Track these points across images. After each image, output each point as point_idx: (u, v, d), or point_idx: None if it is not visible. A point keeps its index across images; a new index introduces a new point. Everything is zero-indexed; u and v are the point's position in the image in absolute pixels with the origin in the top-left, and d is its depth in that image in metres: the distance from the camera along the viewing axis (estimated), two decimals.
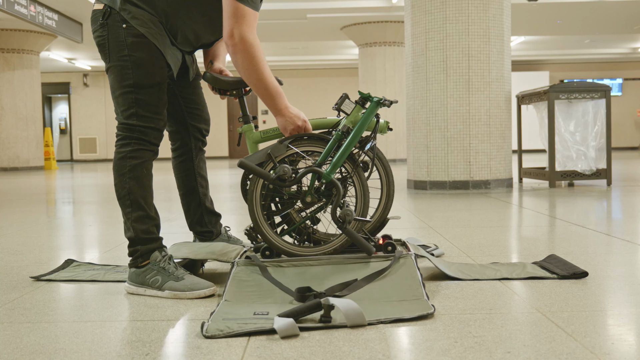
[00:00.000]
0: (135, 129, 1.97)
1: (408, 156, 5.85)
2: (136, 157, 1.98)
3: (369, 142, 2.03)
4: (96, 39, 2.01)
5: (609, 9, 11.47)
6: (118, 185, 1.99)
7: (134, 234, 1.96)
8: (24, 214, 4.42)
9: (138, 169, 1.98)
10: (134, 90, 1.96)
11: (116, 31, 1.95)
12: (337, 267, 1.92)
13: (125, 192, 1.97)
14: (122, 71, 1.96)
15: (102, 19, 1.96)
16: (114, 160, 2.01)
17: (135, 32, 1.95)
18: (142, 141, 1.98)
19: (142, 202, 1.98)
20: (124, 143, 1.99)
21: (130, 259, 1.98)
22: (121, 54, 1.95)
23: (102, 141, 19.36)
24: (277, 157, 2.01)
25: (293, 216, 2.14)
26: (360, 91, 2.06)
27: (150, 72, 1.97)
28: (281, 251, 2.02)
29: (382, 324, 1.55)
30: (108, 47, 1.97)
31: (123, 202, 1.98)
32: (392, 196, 2.10)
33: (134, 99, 1.96)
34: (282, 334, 1.46)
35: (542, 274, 2.05)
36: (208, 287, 1.88)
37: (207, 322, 1.53)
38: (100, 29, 1.98)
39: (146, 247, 1.96)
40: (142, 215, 1.97)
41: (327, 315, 1.54)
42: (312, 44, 15.17)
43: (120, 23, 1.95)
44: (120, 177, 1.98)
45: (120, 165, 1.98)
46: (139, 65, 1.95)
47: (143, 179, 1.99)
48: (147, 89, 1.97)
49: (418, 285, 1.79)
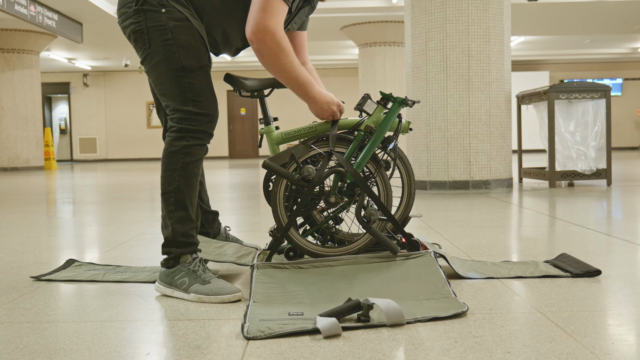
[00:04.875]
0: (191, 118, 1.90)
1: (408, 156, 5.85)
2: (189, 154, 1.91)
3: (392, 142, 2.04)
4: (130, 26, 1.92)
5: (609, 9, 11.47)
6: (165, 179, 1.92)
7: (172, 235, 1.91)
8: (24, 214, 4.42)
9: (190, 167, 1.92)
10: (184, 74, 1.90)
11: (155, 16, 1.89)
12: (361, 266, 1.92)
13: (172, 189, 1.91)
14: (168, 55, 1.89)
15: (136, 5, 1.89)
16: (165, 150, 1.93)
17: (177, 16, 1.90)
18: (198, 134, 1.92)
19: (188, 202, 1.92)
20: (178, 136, 1.91)
21: (163, 258, 1.94)
22: (164, 37, 1.88)
23: (102, 141, 19.35)
24: (300, 157, 2.01)
25: (315, 217, 2.15)
26: (382, 91, 2.07)
27: (197, 54, 1.92)
28: (305, 252, 2.02)
29: (419, 322, 1.55)
30: (147, 32, 1.90)
31: (167, 199, 1.92)
32: (414, 195, 2.12)
33: (186, 83, 1.90)
34: (325, 333, 1.46)
35: (555, 272, 2.05)
36: (233, 292, 1.82)
37: (245, 324, 1.52)
38: (135, 15, 1.90)
39: (180, 250, 1.91)
40: (184, 216, 1.92)
41: (366, 314, 1.55)
42: (312, 44, 15.17)
43: (159, 8, 1.89)
44: (169, 171, 1.91)
45: (172, 160, 1.91)
46: (185, 48, 1.90)
47: (192, 179, 1.93)
48: (197, 71, 1.91)
49: (444, 284, 1.80)
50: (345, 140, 2.05)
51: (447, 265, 2.15)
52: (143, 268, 2.29)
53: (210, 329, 1.56)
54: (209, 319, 1.65)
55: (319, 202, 2.07)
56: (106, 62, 17.42)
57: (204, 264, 1.93)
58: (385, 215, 2.00)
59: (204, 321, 1.63)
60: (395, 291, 1.78)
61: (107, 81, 19.24)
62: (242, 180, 7.84)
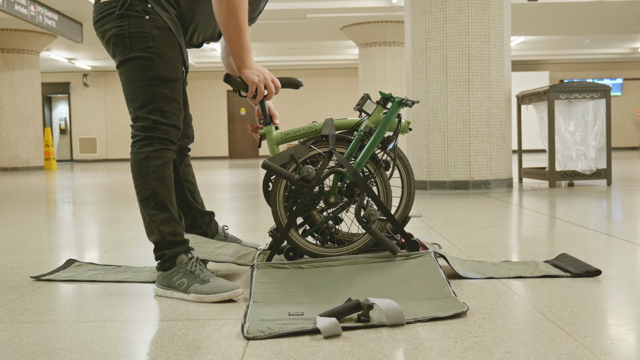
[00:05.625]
0: (157, 127, 1.91)
1: (408, 156, 5.85)
2: (159, 158, 1.92)
3: (391, 143, 2.04)
4: (111, 29, 1.92)
5: (609, 9, 11.47)
6: (141, 187, 1.93)
7: (160, 237, 1.91)
8: (24, 214, 4.42)
9: (161, 169, 1.92)
10: (158, 84, 1.90)
11: (138, 22, 1.90)
12: (361, 266, 1.92)
13: (149, 194, 1.91)
14: (146, 63, 1.90)
15: (120, 9, 1.90)
16: (133, 161, 1.94)
17: (160, 25, 1.92)
18: (164, 140, 1.93)
19: (168, 203, 1.92)
20: (145, 143, 1.92)
21: (158, 262, 1.94)
22: (145, 45, 1.90)
23: (102, 141, 19.36)
24: (299, 158, 2.01)
25: (315, 217, 2.15)
26: (382, 91, 2.07)
27: (174, 65, 1.94)
28: (305, 252, 2.02)
29: (420, 322, 1.55)
30: (129, 37, 1.90)
31: (147, 205, 1.92)
32: (413, 195, 2.12)
33: (158, 92, 1.90)
34: (325, 333, 1.46)
35: (555, 272, 2.05)
36: (233, 289, 1.82)
37: (245, 324, 1.52)
38: (118, 20, 1.91)
39: (173, 250, 1.91)
40: (168, 217, 1.92)
41: (367, 314, 1.55)
42: (312, 44, 15.17)
43: (143, 14, 1.90)
44: (143, 178, 1.92)
45: (143, 166, 1.92)
46: (164, 59, 1.91)
47: (166, 180, 1.93)
48: (171, 83, 1.93)
49: (444, 284, 1.80)
50: (344, 141, 2.05)
51: (447, 265, 2.15)
52: (143, 268, 2.29)
53: (210, 329, 1.56)
54: (209, 319, 1.65)
55: (318, 202, 2.07)
56: (106, 62, 17.42)
57: (200, 263, 1.93)
58: (385, 216, 2.00)
59: (204, 321, 1.63)
60: (395, 291, 1.78)
61: (107, 81, 19.24)
62: (242, 180, 7.84)
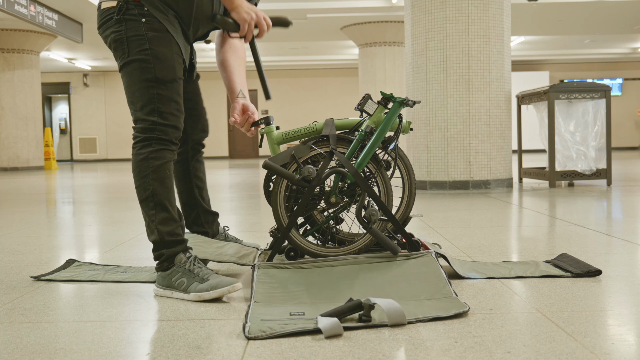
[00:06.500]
0: (155, 128, 1.93)
1: (408, 156, 5.85)
2: (158, 158, 1.94)
3: (392, 143, 2.04)
4: (110, 35, 1.96)
5: (609, 9, 11.47)
6: (140, 187, 1.95)
7: (159, 237, 1.92)
8: (24, 214, 4.42)
9: (161, 170, 1.94)
10: (156, 85, 1.92)
11: (135, 26, 1.92)
12: (362, 266, 1.92)
13: (148, 194, 1.93)
14: (142, 65, 1.92)
15: (118, 14, 1.93)
16: (133, 162, 1.96)
17: (156, 27, 1.93)
18: (163, 141, 1.95)
19: (167, 203, 1.94)
20: (144, 144, 1.94)
21: (157, 262, 1.95)
22: (142, 47, 1.92)
23: (102, 141, 19.35)
24: (300, 158, 2.01)
25: (316, 217, 2.15)
26: (382, 91, 2.07)
27: (172, 66, 1.95)
28: (306, 252, 2.03)
29: (421, 322, 1.55)
30: (127, 41, 1.93)
31: (146, 205, 1.94)
32: (414, 195, 2.12)
33: (155, 94, 1.92)
34: (327, 333, 1.46)
35: (555, 272, 2.05)
36: (232, 283, 1.82)
37: (247, 323, 1.52)
38: (116, 25, 1.94)
39: (171, 250, 1.92)
40: (167, 217, 1.94)
41: (368, 314, 1.55)
42: (312, 44, 15.16)
43: (139, 17, 1.92)
44: (142, 178, 1.94)
45: (143, 167, 1.94)
46: (161, 60, 1.93)
47: (166, 180, 1.95)
48: (169, 84, 1.94)
49: (445, 284, 1.80)
50: (345, 141, 2.05)
51: (447, 265, 2.15)
52: (143, 268, 2.29)
53: (210, 329, 1.56)
54: (209, 319, 1.65)
55: (319, 202, 2.07)
56: (106, 62, 17.42)
57: (199, 261, 1.94)
58: (385, 216, 2.00)
59: (204, 321, 1.63)
60: (396, 291, 1.78)
61: (107, 81, 19.24)
62: (242, 180, 7.84)
